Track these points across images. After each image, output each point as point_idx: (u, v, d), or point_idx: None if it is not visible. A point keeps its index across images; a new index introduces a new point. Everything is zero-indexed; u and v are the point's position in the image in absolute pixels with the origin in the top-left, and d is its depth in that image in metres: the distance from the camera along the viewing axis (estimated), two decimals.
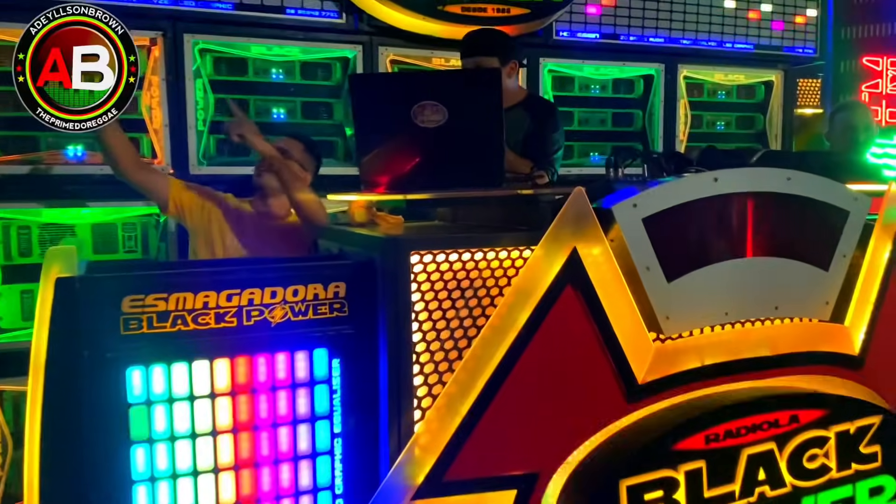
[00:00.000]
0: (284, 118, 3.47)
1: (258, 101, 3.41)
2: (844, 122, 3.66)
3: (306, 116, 3.50)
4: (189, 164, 3.24)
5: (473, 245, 1.57)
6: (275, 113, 3.45)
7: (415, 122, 1.83)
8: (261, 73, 3.42)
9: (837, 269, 1.87)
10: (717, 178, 1.70)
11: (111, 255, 3.16)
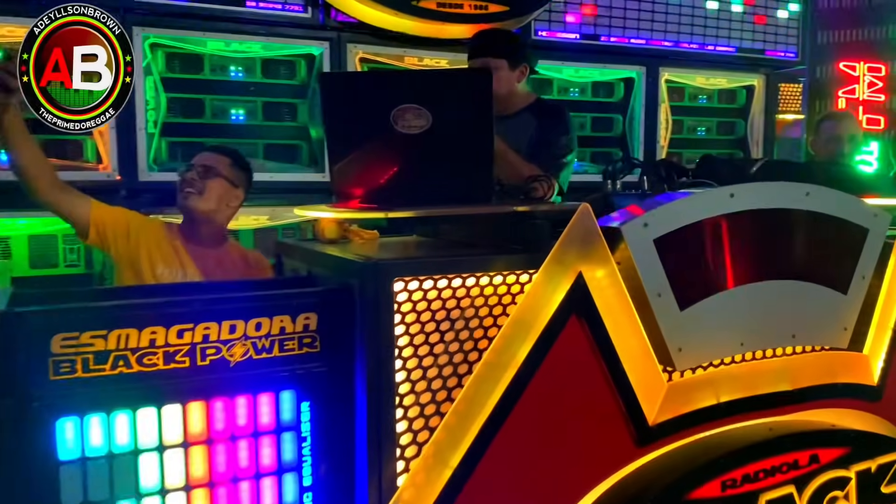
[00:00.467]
0: (244, 119, 3.25)
1: (215, 100, 3.20)
2: (830, 131, 3.59)
3: (267, 118, 3.29)
4: (138, 169, 3.01)
5: (465, 270, 1.39)
6: (233, 114, 3.23)
7: (394, 128, 1.64)
8: (218, 71, 3.20)
9: (856, 291, 1.73)
10: (734, 194, 1.55)
11: (51, 270, 2.91)
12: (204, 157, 2.35)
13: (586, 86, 4.11)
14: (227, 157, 2.36)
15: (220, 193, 2.30)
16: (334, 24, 3.25)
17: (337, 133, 1.71)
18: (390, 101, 1.64)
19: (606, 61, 4.03)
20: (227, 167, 2.33)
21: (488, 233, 1.63)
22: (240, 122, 3.23)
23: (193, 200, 2.27)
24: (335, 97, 1.69)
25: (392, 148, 1.67)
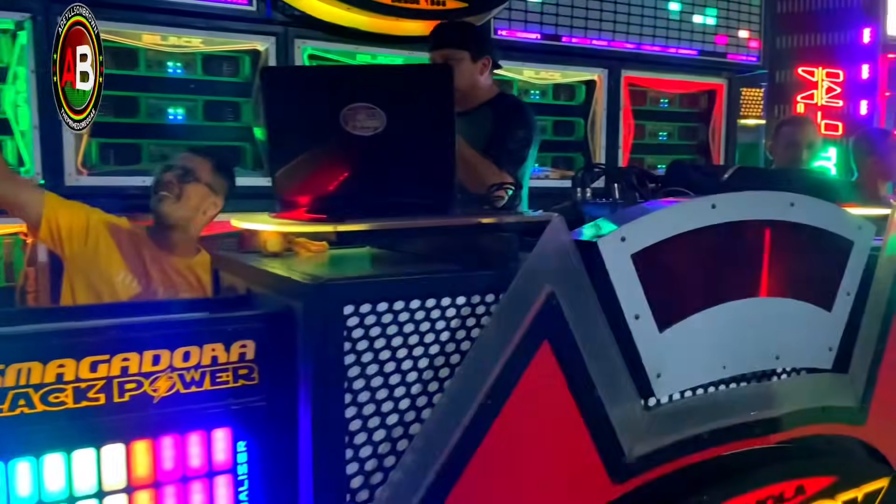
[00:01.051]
0: (183, 119, 3.06)
1: (150, 98, 2.99)
2: (788, 137, 3.57)
3: (208, 118, 3.10)
4: (65, 172, 2.79)
5: (425, 291, 1.26)
6: (171, 113, 3.03)
7: (345, 129, 1.50)
8: (154, 67, 3.00)
9: (841, 308, 1.65)
10: (715, 205, 1.45)
11: None
12: (185, 159, 2.17)
13: (547, 88, 4.02)
14: (210, 161, 2.18)
15: (198, 200, 2.13)
16: (281, 17, 3.08)
17: (279, 134, 1.55)
18: (340, 99, 1.49)
19: (568, 63, 3.95)
20: (209, 172, 2.17)
21: (450, 247, 1.49)
22: (178, 121, 3.03)
23: (168, 205, 2.10)
24: (277, 94, 1.53)
25: (342, 151, 1.52)
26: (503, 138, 2.43)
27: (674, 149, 4.54)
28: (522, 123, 2.49)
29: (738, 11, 4.46)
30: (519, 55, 3.77)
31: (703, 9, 4.31)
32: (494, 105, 2.54)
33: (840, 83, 5.68)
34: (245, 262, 1.57)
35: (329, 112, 1.50)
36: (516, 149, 2.44)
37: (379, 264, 1.55)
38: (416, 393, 1.26)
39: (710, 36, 4.36)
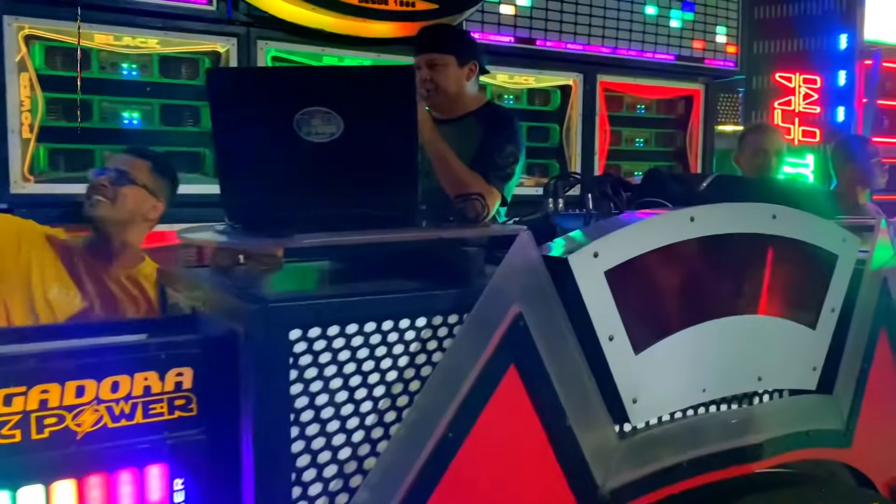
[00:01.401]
0: (139, 124, 2.93)
1: (104, 102, 2.86)
2: (755, 144, 3.51)
3: (166, 122, 2.97)
4: (10, 180, 2.66)
5: (382, 312, 1.16)
6: (126, 118, 2.90)
7: (298, 135, 1.40)
8: (108, 69, 2.87)
9: (825, 326, 1.59)
10: (694, 218, 1.37)
11: None
12: (118, 160, 2.05)
13: (521, 93, 3.95)
14: (147, 161, 2.06)
15: (134, 203, 2.00)
16: (243, 18, 2.97)
17: (227, 141, 1.45)
18: (293, 103, 1.40)
19: (542, 67, 3.87)
20: (147, 173, 2.04)
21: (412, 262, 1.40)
22: (133, 126, 2.91)
23: (102, 210, 1.96)
24: (225, 98, 1.43)
25: (295, 159, 1.43)
26: (491, 152, 2.33)
27: (651, 155, 4.48)
28: (511, 138, 2.39)
29: (714, 16, 4.42)
30: (492, 59, 3.68)
31: (679, 13, 4.26)
32: (482, 115, 2.44)
33: (817, 89, 5.66)
34: (190, 279, 1.46)
35: (281, 117, 1.40)
36: (504, 164, 2.34)
37: (334, 281, 1.45)
38: (371, 424, 1.16)
39: (687, 41, 4.32)
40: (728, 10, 4.47)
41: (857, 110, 5.51)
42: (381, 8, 3.10)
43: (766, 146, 3.48)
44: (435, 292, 1.22)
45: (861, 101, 5.56)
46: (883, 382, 1.68)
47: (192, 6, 2.87)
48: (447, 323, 1.22)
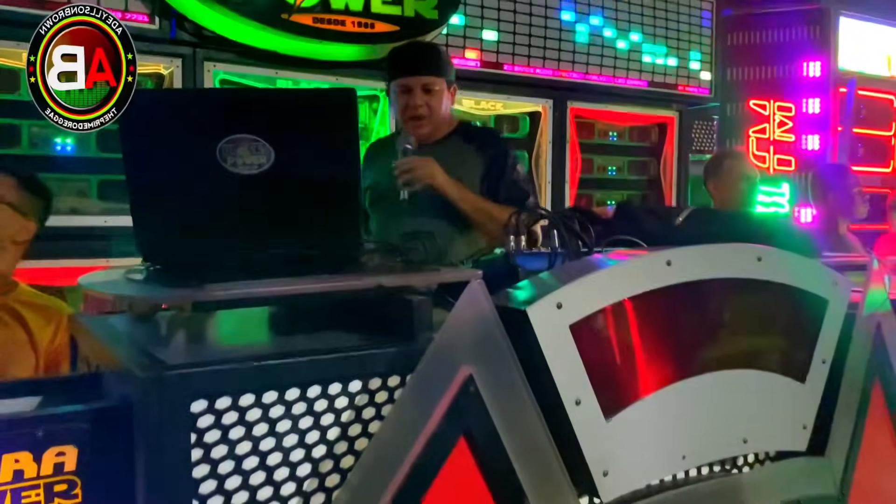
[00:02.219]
0: (73, 150, 2.75)
1: (34, 127, 2.68)
2: (736, 171, 3.41)
3: (103, 149, 2.79)
4: None
5: (306, 377, 1.00)
6: (58, 143, 2.72)
7: (222, 166, 1.25)
8: None
9: (816, 379, 1.44)
10: (671, 262, 1.23)
11: None
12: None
13: (488, 119, 3.83)
14: (11, 177, 1.88)
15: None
16: (188, 38, 2.81)
17: (141, 172, 1.29)
18: (216, 130, 1.25)
19: (510, 93, 3.76)
20: (11, 189, 1.86)
21: (349, 312, 1.24)
22: (67, 153, 2.72)
23: None
24: (138, 123, 1.28)
25: (218, 193, 1.27)
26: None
27: (624, 184, 4.39)
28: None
29: (688, 41, 4.36)
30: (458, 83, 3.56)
31: (652, 38, 4.19)
32: (464, 135, 2.35)
33: (792, 117, 5.64)
34: (95, 331, 1.29)
35: (203, 145, 1.25)
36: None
37: (255, 336, 1.28)
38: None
39: (660, 67, 4.24)
40: (701, 35, 4.41)
41: (832, 138, 5.49)
42: (338, 29, 2.96)
43: (748, 172, 3.39)
44: (372, 350, 1.06)
45: (836, 130, 5.55)
46: (878, 440, 1.54)
47: (131, 24, 2.70)
48: (386, 386, 1.06)
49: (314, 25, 2.89)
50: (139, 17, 2.71)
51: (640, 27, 4.13)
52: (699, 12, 4.39)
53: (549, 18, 3.80)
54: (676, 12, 4.28)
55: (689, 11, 4.35)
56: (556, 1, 3.82)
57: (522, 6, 3.71)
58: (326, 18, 2.92)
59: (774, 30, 5.50)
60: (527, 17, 3.73)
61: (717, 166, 3.43)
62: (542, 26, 3.79)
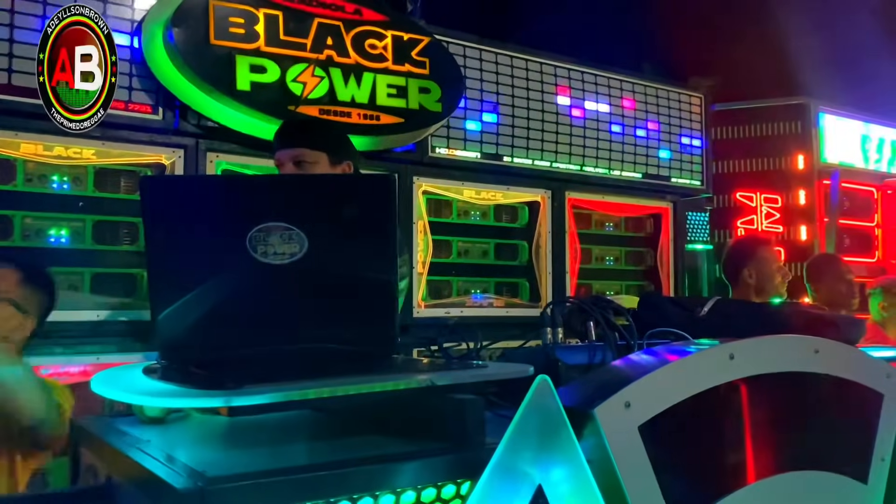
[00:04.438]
0: (67, 242, 2.66)
1: (28, 217, 2.59)
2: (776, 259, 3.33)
3: (99, 240, 2.70)
4: None
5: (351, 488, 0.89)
6: (53, 235, 2.63)
7: (252, 256, 1.17)
8: (35, 181, 2.62)
9: (877, 478, 1.35)
10: (734, 355, 1.16)
11: None
12: None
13: (488, 209, 3.81)
14: (16, 270, 1.77)
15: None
16: (191, 128, 2.78)
17: (164, 263, 1.21)
18: (246, 217, 1.18)
19: (509, 183, 3.76)
20: (15, 284, 1.75)
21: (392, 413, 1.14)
22: (62, 245, 2.63)
23: None
24: (162, 211, 1.20)
25: (247, 284, 1.19)
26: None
27: (622, 274, 4.36)
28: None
29: (679, 135, 4.44)
30: (458, 174, 3.57)
31: (645, 132, 4.25)
32: None
33: (779, 208, 5.71)
34: (104, 438, 1.17)
35: (232, 234, 1.18)
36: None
37: (295, 443, 1.17)
38: None
39: (654, 159, 4.29)
40: (692, 129, 4.50)
41: (819, 229, 5.55)
42: (344, 121, 2.95)
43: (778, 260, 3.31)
44: (427, 458, 0.96)
45: (822, 220, 5.62)
46: None
47: (135, 115, 2.67)
48: (441, 498, 0.96)
49: (321, 117, 2.88)
50: (142, 108, 2.68)
51: (634, 120, 4.20)
52: (689, 107, 4.49)
53: (546, 112, 3.85)
54: (668, 106, 4.37)
55: (680, 106, 4.45)
56: (552, 95, 3.87)
57: (520, 100, 3.76)
58: (333, 110, 2.91)
59: (759, 124, 5.63)
60: (525, 111, 3.77)
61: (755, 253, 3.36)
62: (540, 119, 3.83)
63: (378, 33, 3.06)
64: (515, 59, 3.74)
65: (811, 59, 5.77)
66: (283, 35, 2.82)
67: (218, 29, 2.67)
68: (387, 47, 3.07)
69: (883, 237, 6.00)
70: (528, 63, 3.79)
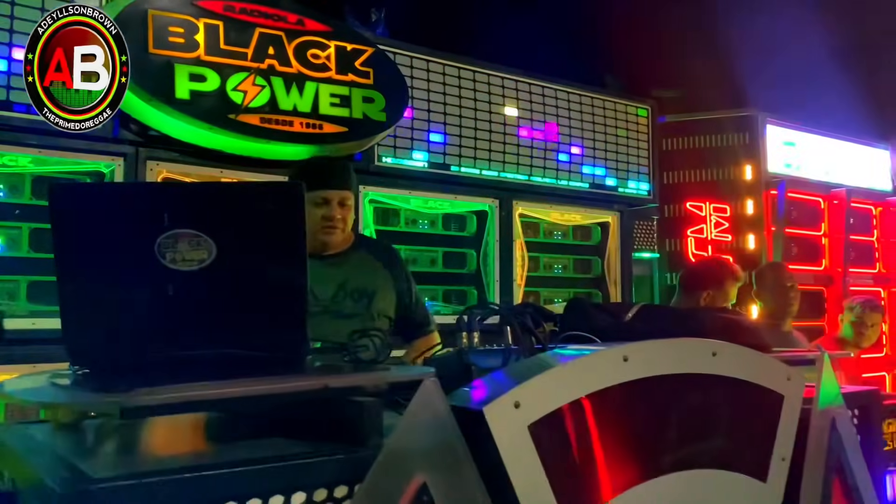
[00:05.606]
0: (4, 250, 2.63)
1: None
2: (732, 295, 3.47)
3: (36, 249, 2.68)
4: None
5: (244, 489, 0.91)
6: None
7: (161, 262, 1.19)
8: None
9: (777, 477, 1.41)
10: (628, 357, 1.20)
11: None
12: None
13: (436, 218, 3.85)
14: None
15: None
16: (130, 136, 2.77)
17: (73, 269, 1.22)
18: (155, 224, 1.19)
19: (457, 192, 3.80)
20: None
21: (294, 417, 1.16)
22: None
23: None
24: (71, 218, 1.21)
25: (156, 290, 1.20)
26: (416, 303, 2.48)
27: (570, 282, 4.42)
28: (409, 271, 2.49)
29: (626, 146, 4.52)
30: (406, 183, 3.60)
31: (592, 143, 4.33)
32: (368, 248, 2.44)
33: (728, 217, 5.83)
34: (12, 442, 1.17)
35: (140, 241, 1.19)
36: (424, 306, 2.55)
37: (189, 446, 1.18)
38: None
39: (601, 170, 4.37)
40: (639, 140, 4.58)
41: (766, 238, 5.67)
42: (285, 130, 2.97)
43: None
44: (317, 459, 0.98)
45: (770, 230, 5.75)
46: None
47: None
48: (333, 498, 0.98)
49: (262, 125, 2.89)
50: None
51: (581, 131, 4.27)
52: (636, 118, 4.58)
53: (493, 123, 3.90)
54: (615, 117, 4.45)
55: (627, 118, 4.53)
56: (500, 106, 3.93)
57: (468, 111, 3.81)
58: (274, 119, 2.93)
59: (708, 135, 5.75)
60: (472, 122, 3.81)
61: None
62: (488, 130, 3.88)
63: (321, 43, 3.09)
64: (463, 70, 3.79)
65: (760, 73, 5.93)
66: (223, 44, 2.83)
67: (157, 38, 2.67)
68: (330, 57, 3.10)
69: (829, 246, 6.15)
70: (476, 74, 3.84)
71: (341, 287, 2.26)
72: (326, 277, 2.26)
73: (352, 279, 2.28)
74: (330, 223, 2.26)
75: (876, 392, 1.88)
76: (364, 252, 2.39)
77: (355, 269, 2.32)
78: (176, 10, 2.76)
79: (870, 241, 6.36)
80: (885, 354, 6.24)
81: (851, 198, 6.04)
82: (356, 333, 1.33)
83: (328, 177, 2.32)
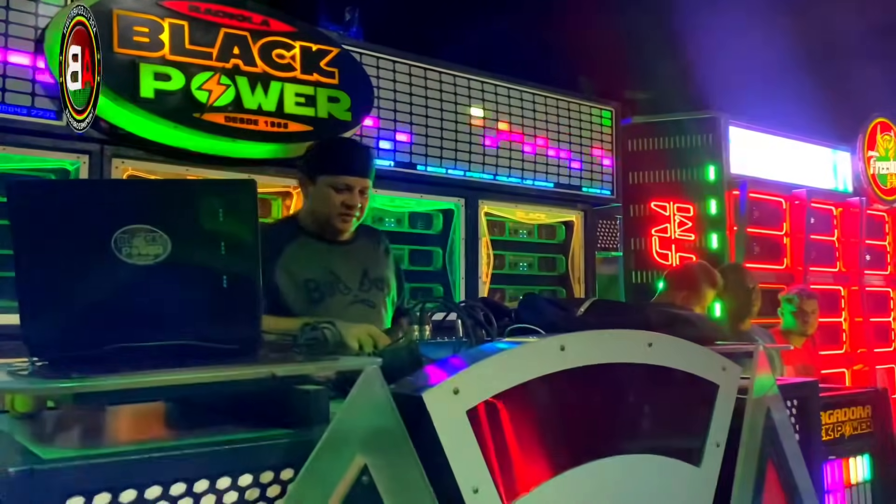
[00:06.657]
0: None
1: None
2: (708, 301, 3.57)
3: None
4: None
5: (192, 471, 0.96)
6: None
7: (117, 257, 1.23)
8: None
9: (711, 463, 1.48)
10: (564, 347, 1.26)
11: None
12: None
13: (403, 216, 3.90)
14: None
15: None
16: (96, 134, 2.78)
17: (32, 264, 1.25)
18: (111, 220, 1.23)
19: (423, 192, 3.86)
20: None
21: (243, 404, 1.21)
22: None
23: None
24: (28, 214, 1.24)
25: (112, 284, 1.24)
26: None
27: (535, 279, 4.50)
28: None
29: (590, 147, 4.60)
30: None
31: (556, 143, 4.41)
32: (366, 234, 2.40)
33: (691, 217, 5.93)
34: None
35: (97, 236, 1.23)
36: None
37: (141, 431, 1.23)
38: None
39: (565, 169, 4.45)
40: (602, 141, 4.67)
41: (729, 238, 5.79)
42: (250, 128, 3.00)
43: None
44: (263, 442, 1.03)
45: (732, 229, 5.87)
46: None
47: (38, 120, 2.67)
48: (279, 480, 1.03)
49: (226, 124, 2.93)
50: (45, 114, 2.68)
51: (546, 132, 4.35)
52: (600, 119, 4.67)
53: (459, 123, 3.96)
54: (579, 119, 4.53)
55: (591, 119, 4.62)
56: (466, 106, 3.99)
57: (434, 111, 3.86)
58: (239, 118, 2.96)
59: (673, 136, 5.85)
60: (438, 122, 3.87)
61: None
62: (454, 130, 3.94)
63: (286, 44, 3.12)
64: (429, 70, 3.85)
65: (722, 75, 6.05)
66: (188, 44, 2.86)
67: (121, 37, 2.69)
68: (295, 57, 3.14)
69: (791, 245, 6.29)
70: (442, 75, 3.90)
71: (365, 275, 2.24)
72: (349, 265, 2.23)
73: (371, 268, 2.26)
74: (349, 211, 2.18)
75: (814, 384, 1.97)
76: (365, 239, 2.36)
77: (368, 258, 2.28)
78: (141, 10, 2.78)
79: (830, 241, 6.50)
80: (844, 351, 6.39)
81: (812, 198, 6.17)
82: (307, 326, 1.38)
83: (355, 162, 2.23)
